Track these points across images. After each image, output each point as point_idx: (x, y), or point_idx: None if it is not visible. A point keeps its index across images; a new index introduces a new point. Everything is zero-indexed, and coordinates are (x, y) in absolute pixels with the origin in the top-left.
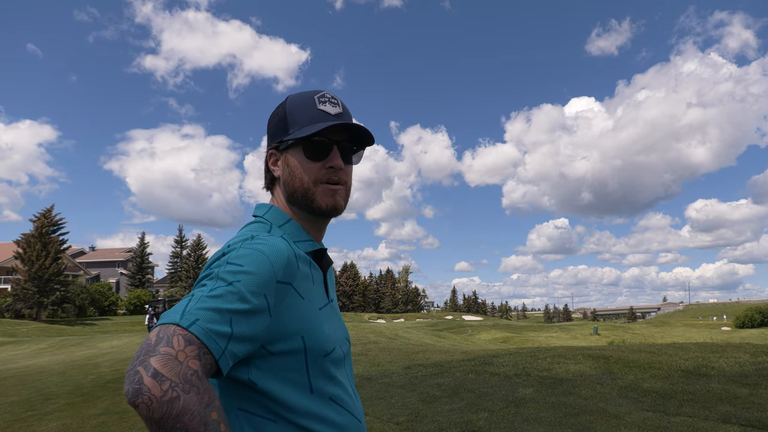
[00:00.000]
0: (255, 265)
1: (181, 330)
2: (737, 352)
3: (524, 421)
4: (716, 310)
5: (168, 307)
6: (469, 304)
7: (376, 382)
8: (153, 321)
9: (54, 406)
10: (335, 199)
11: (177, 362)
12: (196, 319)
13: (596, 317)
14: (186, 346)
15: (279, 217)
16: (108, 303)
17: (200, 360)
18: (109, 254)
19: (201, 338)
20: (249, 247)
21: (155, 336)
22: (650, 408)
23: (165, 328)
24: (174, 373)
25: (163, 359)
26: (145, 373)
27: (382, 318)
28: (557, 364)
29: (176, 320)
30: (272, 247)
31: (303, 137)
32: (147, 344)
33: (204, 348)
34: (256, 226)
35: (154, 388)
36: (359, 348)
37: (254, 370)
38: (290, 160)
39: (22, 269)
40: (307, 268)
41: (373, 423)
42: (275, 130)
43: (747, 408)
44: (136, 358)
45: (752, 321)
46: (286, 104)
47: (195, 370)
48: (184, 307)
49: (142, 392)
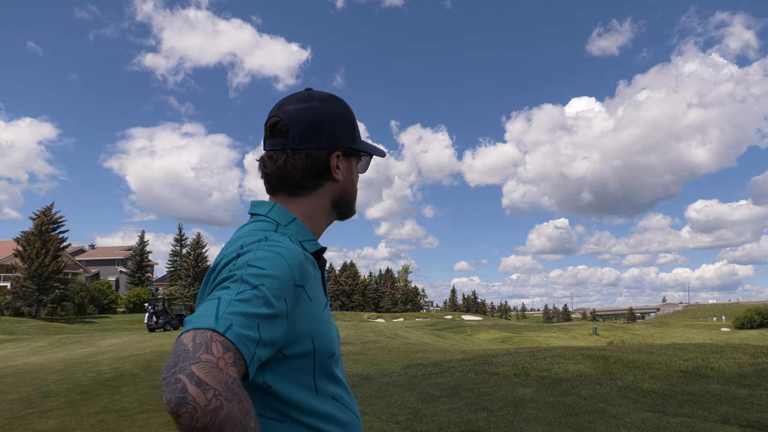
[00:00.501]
0: (277, 269)
1: (218, 336)
2: (737, 353)
3: (523, 421)
4: (716, 311)
5: (168, 306)
6: (468, 303)
7: (376, 381)
8: (153, 319)
9: (53, 404)
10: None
11: (218, 370)
12: (231, 324)
13: (595, 317)
14: (225, 353)
15: (284, 216)
16: (107, 301)
17: (236, 366)
18: (108, 252)
19: (236, 344)
20: (268, 250)
21: (191, 341)
22: (649, 408)
23: (201, 334)
24: (216, 381)
25: (205, 367)
26: (189, 382)
27: (382, 317)
28: (556, 364)
29: (212, 325)
30: (289, 249)
31: (375, 154)
32: (184, 350)
33: (239, 354)
34: (262, 225)
35: (199, 397)
36: (358, 347)
37: (269, 373)
38: (354, 168)
39: (21, 267)
40: (312, 269)
41: (373, 422)
42: (342, 132)
43: (746, 409)
44: (174, 365)
45: (751, 322)
46: (348, 107)
47: (234, 378)
48: (216, 311)
49: (187, 401)
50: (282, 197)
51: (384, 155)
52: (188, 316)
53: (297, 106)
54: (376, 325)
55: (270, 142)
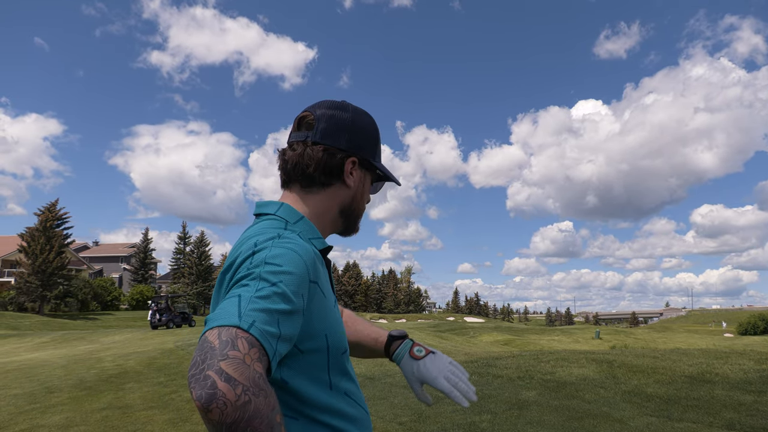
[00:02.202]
0: (293, 265)
1: (242, 332)
2: (741, 359)
3: (527, 424)
4: (719, 317)
5: (171, 304)
6: (471, 305)
7: (379, 381)
8: (156, 316)
9: (57, 400)
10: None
11: (246, 366)
12: (254, 320)
13: (598, 321)
14: (250, 349)
15: (292, 215)
16: (110, 298)
17: (261, 362)
18: (112, 249)
19: (260, 340)
20: (282, 247)
21: (216, 338)
22: (654, 413)
23: (227, 331)
24: (245, 377)
25: (233, 363)
26: (218, 378)
27: (384, 318)
28: (560, 367)
29: (236, 322)
30: (302, 246)
31: (391, 179)
32: (210, 347)
33: (263, 350)
34: (272, 224)
35: (229, 392)
36: None
37: (285, 369)
38: (367, 182)
39: (25, 263)
40: (322, 266)
41: (377, 423)
42: (365, 142)
43: (752, 415)
44: (202, 362)
45: (755, 328)
46: (376, 125)
47: (261, 373)
48: (238, 309)
49: (217, 397)
50: (295, 190)
51: (399, 184)
52: (208, 314)
53: (330, 110)
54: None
55: (295, 135)
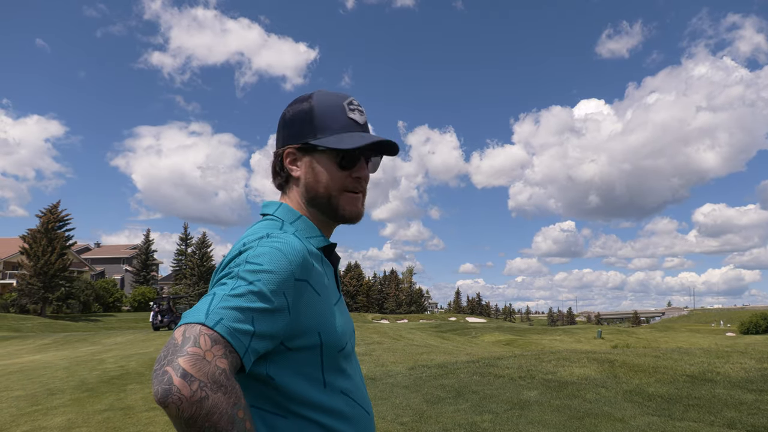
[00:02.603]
0: (274, 264)
1: (206, 329)
2: (743, 358)
3: (529, 424)
4: (721, 316)
5: (172, 305)
6: (472, 306)
7: (381, 382)
8: (158, 318)
9: (59, 401)
10: (358, 207)
11: (205, 362)
12: (221, 318)
13: (600, 321)
14: (213, 346)
15: (289, 214)
16: (112, 299)
17: (227, 359)
18: (114, 251)
19: (226, 337)
20: (266, 246)
21: (181, 336)
22: (655, 412)
23: (190, 328)
24: (202, 373)
25: (191, 359)
26: (175, 374)
27: (386, 318)
28: (562, 367)
29: (201, 320)
30: (289, 245)
31: (345, 149)
32: (173, 344)
33: (230, 347)
34: (267, 224)
35: (184, 388)
36: (363, 348)
37: (271, 365)
38: (316, 165)
39: (27, 264)
40: (320, 265)
41: (378, 423)
42: (299, 129)
43: (753, 414)
44: (163, 358)
45: (757, 327)
46: (314, 105)
47: (223, 369)
48: (208, 307)
49: (172, 392)
50: (281, 194)
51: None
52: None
53: (283, 112)
54: (380, 326)
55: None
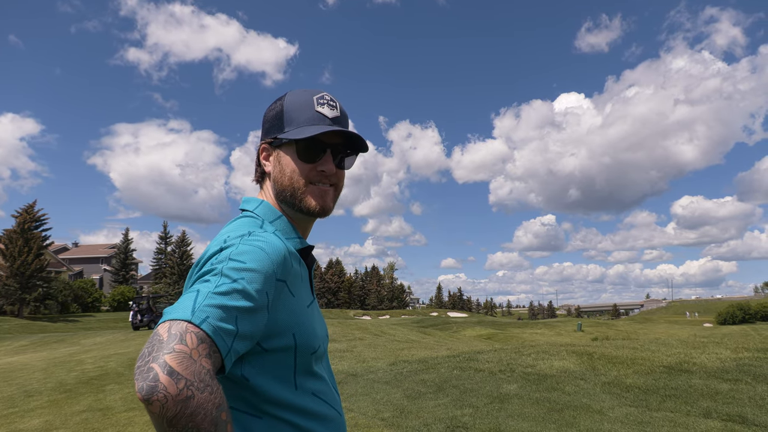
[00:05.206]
0: (257, 263)
1: (193, 327)
2: (718, 348)
3: (508, 417)
4: (698, 307)
5: (152, 304)
6: (454, 300)
7: (362, 378)
8: (137, 317)
9: (36, 403)
10: (324, 201)
11: (192, 360)
12: (207, 316)
13: (580, 314)
14: (199, 344)
15: (270, 212)
16: (91, 299)
17: (210, 358)
18: (92, 250)
19: (212, 336)
20: (249, 244)
21: (166, 332)
22: (633, 403)
23: (176, 324)
24: (189, 372)
25: (178, 357)
26: (161, 371)
27: (368, 314)
28: (541, 360)
29: (187, 317)
30: (271, 244)
31: (298, 138)
32: (158, 340)
33: (214, 346)
34: (247, 221)
35: (170, 386)
36: (344, 344)
37: (247, 366)
38: (282, 158)
39: (3, 265)
40: (297, 266)
41: (359, 419)
42: (270, 125)
43: (728, 403)
44: (148, 354)
45: (734, 318)
46: (284, 101)
47: (208, 369)
48: (193, 303)
49: (158, 390)
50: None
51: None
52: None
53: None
54: (362, 323)
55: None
